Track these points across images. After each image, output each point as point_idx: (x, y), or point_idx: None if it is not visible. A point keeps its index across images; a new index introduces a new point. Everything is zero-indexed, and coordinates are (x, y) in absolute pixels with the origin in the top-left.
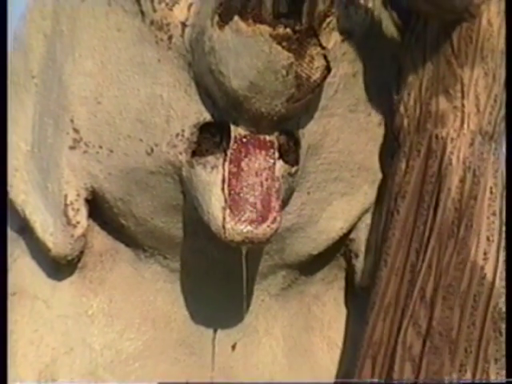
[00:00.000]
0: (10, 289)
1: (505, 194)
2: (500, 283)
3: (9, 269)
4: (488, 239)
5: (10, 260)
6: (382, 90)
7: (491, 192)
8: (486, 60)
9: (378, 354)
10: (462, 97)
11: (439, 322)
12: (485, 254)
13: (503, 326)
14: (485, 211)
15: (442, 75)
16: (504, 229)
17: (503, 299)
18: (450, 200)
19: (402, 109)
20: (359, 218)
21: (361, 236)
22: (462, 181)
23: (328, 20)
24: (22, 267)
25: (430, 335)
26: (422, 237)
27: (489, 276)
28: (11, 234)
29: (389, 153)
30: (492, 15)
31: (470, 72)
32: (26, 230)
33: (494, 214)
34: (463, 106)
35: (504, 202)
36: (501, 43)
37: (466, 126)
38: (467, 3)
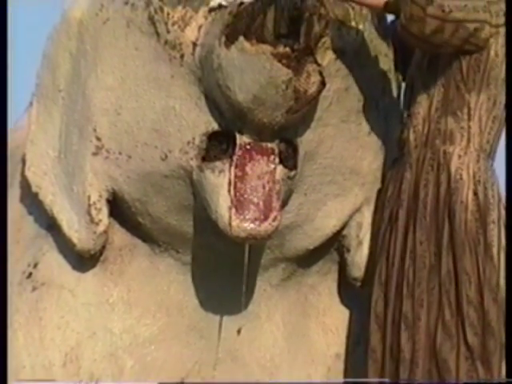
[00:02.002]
0: (39, 280)
1: (503, 203)
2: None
3: (38, 262)
4: None
5: (39, 254)
6: (371, 103)
7: (490, 203)
8: (491, 87)
9: (434, 347)
10: (469, 119)
11: (495, 322)
12: None
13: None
14: None
15: (451, 98)
16: (503, 235)
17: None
18: (469, 212)
19: (409, 124)
20: (350, 217)
21: (352, 233)
22: (476, 193)
23: (323, 40)
24: (50, 260)
25: (486, 334)
26: (440, 241)
27: None
28: (40, 231)
29: (389, 157)
30: (499, 47)
31: (477, 97)
32: (54, 227)
33: (493, 222)
34: (469, 127)
35: (502, 211)
36: (503, 71)
37: (471, 144)
38: (460, 40)
